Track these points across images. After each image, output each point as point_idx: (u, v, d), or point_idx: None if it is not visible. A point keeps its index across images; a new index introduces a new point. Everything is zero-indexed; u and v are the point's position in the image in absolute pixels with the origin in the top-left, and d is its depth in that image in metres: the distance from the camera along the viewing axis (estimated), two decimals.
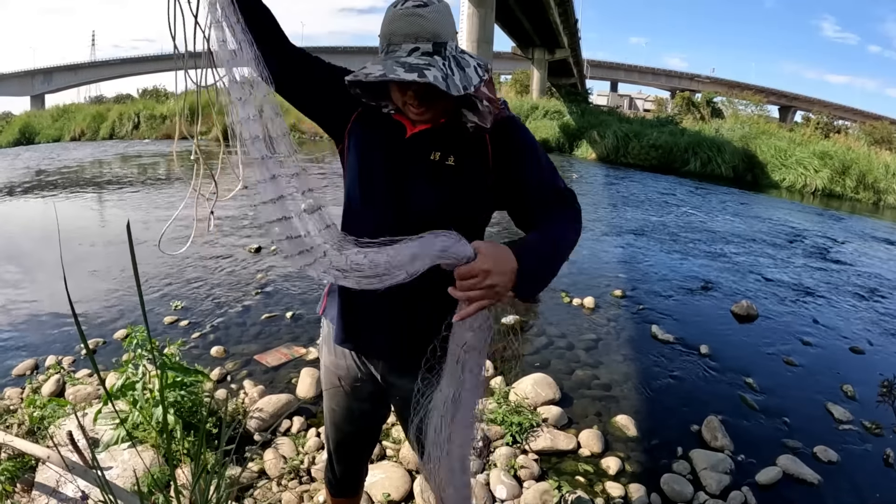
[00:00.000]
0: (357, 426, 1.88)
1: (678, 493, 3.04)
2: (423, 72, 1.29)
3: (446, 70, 1.33)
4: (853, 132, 36.14)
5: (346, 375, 1.76)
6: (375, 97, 1.54)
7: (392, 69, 1.30)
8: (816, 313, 6.06)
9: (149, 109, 27.84)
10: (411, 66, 1.31)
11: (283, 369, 4.19)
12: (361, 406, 1.81)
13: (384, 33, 1.38)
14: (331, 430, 1.91)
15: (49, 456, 2.45)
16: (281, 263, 6.62)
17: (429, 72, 1.29)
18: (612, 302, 5.81)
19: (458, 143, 1.49)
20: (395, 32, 1.35)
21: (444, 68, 1.33)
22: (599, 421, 3.67)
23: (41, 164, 16.76)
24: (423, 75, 1.28)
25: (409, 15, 1.34)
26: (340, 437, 1.90)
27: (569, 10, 33.81)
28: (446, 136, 1.50)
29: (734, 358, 4.75)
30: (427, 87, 1.37)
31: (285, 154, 1.40)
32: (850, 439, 3.70)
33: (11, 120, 34.04)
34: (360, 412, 1.83)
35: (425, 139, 1.50)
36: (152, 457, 2.77)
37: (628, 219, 10.52)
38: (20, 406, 3.54)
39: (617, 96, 63.70)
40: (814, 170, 18.76)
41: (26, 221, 9.38)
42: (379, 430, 2.00)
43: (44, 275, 6.30)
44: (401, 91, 1.42)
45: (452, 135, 1.49)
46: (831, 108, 61.33)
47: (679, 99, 43.25)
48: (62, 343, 4.62)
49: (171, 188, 12.17)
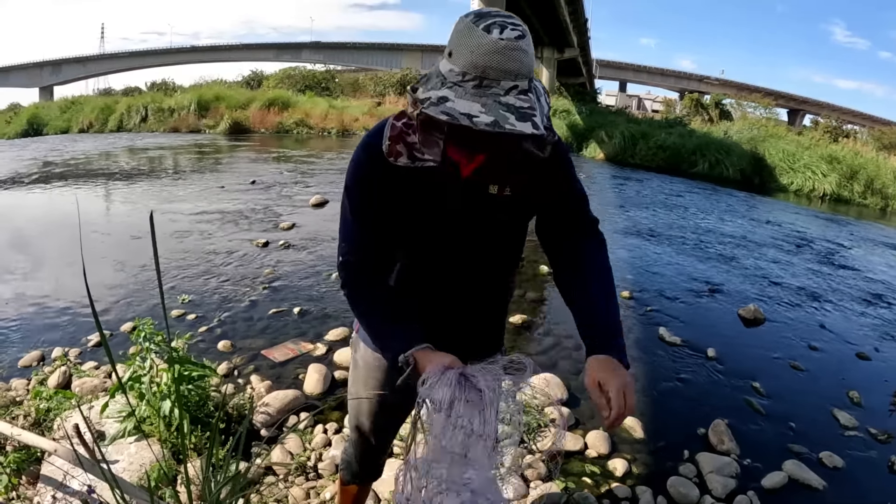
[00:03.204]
0: (390, 415, 1.92)
1: (684, 495, 3.03)
2: (533, 120, 1.24)
3: (538, 108, 1.28)
4: (862, 137, 36.02)
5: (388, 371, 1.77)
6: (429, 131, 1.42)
7: (503, 116, 1.22)
8: (823, 318, 6.03)
9: (157, 102, 27.84)
10: (519, 111, 1.23)
11: (291, 365, 4.19)
12: (396, 398, 1.81)
13: (473, 63, 1.24)
14: (365, 421, 1.92)
15: (56, 449, 2.46)
16: (289, 258, 6.62)
17: (535, 118, 1.25)
18: (619, 303, 5.78)
19: (514, 171, 1.49)
20: (493, 67, 1.22)
21: (537, 107, 1.28)
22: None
23: (49, 156, 16.79)
24: (536, 126, 1.24)
25: (512, 49, 1.22)
26: (371, 426, 1.92)
27: (578, 10, 33.73)
28: (501, 165, 1.47)
29: (741, 361, 4.73)
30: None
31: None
32: (856, 445, 3.68)
33: (20, 111, 34.10)
34: (395, 403, 1.85)
35: (483, 174, 1.48)
36: (158, 451, 2.78)
37: (636, 220, 10.49)
38: (26, 398, 3.54)
39: (626, 96, 63.62)
40: (822, 174, 18.67)
41: (34, 212, 9.40)
42: (405, 417, 2.02)
43: (51, 266, 6.31)
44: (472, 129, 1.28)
45: (502, 164, 1.47)
46: (840, 112, 61.17)
47: (688, 100, 43.17)
48: (68, 335, 4.63)
49: (178, 181, 12.18)
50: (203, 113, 26.29)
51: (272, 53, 65.95)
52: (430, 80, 1.33)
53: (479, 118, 1.22)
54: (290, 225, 8.14)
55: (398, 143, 1.43)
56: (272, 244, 7.17)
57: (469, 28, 1.25)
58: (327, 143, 21.27)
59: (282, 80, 38.99)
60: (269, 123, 25.37)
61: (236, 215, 8.78)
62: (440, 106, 1.25)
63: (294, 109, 26.80)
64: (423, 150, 1.42)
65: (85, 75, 67.52)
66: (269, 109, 26.23)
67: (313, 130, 25.28)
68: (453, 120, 1.23)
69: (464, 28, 1.26)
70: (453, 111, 1.23)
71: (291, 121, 25.63)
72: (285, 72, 41.85)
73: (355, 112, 27.44)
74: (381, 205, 1.49)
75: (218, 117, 25.48)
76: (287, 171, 13.60)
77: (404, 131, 1.44)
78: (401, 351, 1.40)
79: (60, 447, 2.44)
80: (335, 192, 10.86)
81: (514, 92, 1.25)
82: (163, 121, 26.53)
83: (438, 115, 1.25)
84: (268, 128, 25.17)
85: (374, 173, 1.47)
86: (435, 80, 1.31)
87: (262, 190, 11.00)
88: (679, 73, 70.69)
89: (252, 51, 67.53)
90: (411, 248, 1.57)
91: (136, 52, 69.77)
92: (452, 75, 1.27)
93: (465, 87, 1.25)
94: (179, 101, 27.32)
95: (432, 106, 1.26)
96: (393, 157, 1.43)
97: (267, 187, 11.27)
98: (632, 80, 72.90)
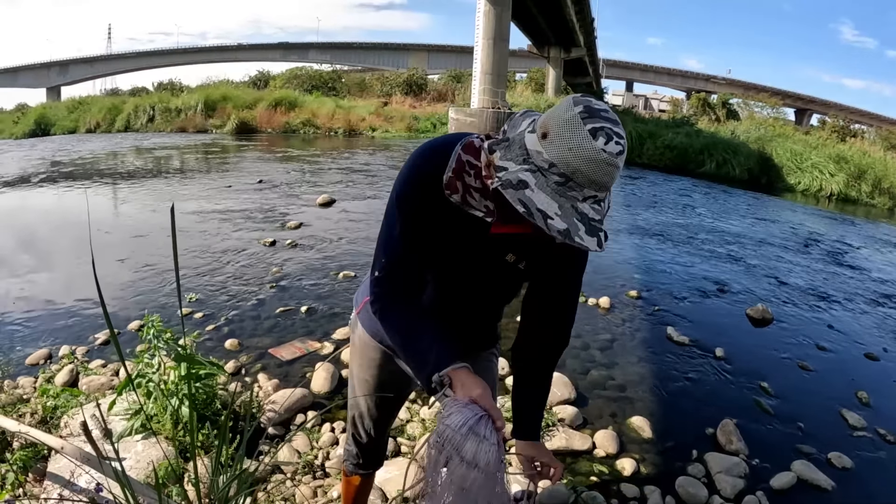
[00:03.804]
0: (385, 397, 1.94)
1: (693, 495, 3.02)
2: (599, 236, 1.24)
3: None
4: (869, 136, 35.87)
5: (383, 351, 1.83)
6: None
7: (575, 226, 1.21)
8: (831, 318, 6.01)
9: (164, 102, 27.90)
10: (590, 224, 1.23)
11: (298, 363, 4.19)
12: (393, 376, 1.86)
13: (567, 161, 1.19)
14: (361, 402, 1.95)
15: (63, 446, 2.45)
16: (296, 257, 6.63)
17: (601, 233, 1.25)
18: (627, 302, 5.78)
19: (532, 250, 1.53)
20: (586, 175, 1.19)
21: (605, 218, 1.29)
22: (614, 422, 3.66)
23: (57, 155, 16.86)
24: (600, 243, 1.24)
25: (609, 164, 1.19)
26: (369, 407, 1.96)
27: (585, 9, 33.68)
28: (526, 241, 1.50)
29: (749, 361, 4.71)
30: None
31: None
32: (865, 446, 3.67)
33: (27, 111, 34.20)
34: (392, 381, 1.88)
35: (506, 241, 1.50)
36: (166, 448, 2.78)
37: (644, 219, 10.47)
38: (33, 395, 3.55)
39: (632, 96, 63.30)
40: (829, 174, 18.64)
41: (42, 211, 9.43)
42: (402, 403, 2.09)
43: (58, 264, 6.33)
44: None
45: (530, 241, 1.50)
46: (848, 111, 60.82)
47: (695, 100, 42.97)
48: (76, 333, 4.64)
49: (185, 180, 12.20)
50: (210, 113, 26.36)
51: (279, 53, 66.01)
52: (512, 149, 1.29)
53: (554, 221, 1.20)
54: (298, 224, 8.15)
55: (458, 180, 1.40)
56: (279, 243, 7.18)
57: (576, 124, 1.19)
58: (334, 143, 21.29)
59: (288, 80, 39.00)
60: (276, 123, 25.43)
61: (243, 214, 8.80)
62: (518, 192, 1.22)
63: (301, 109, 26.85)
64: (477, 197, 1.41)
65: (92, 76, 67.63)
66: (276, 109, 26.29)
67: (320, 130, 25.31)
68: (528, 214, 1.20)
69: (571, 120, 1.20)
70: (531, 204, 1.21)
71: (298, 121, 25.68)
72: (292, 72, 41.86)
73: (362, 112, 27.49)
74: (426, 229, 1.47)
75: (225, 117, 25.54)
76: (294, 171, 13.64)
77: (467, 170, 1.40)
78: (436, 370, 1.37)
79: (67, 444, 2.44)
80: (342, 191, 10.89)
81: (591, 201, 1.24)
82: (170, 121, 26.59)
83: (515, 202, 1.22)
84: (274, 128, 25.22)
85: (430, 197, 1.44)
86: (517, 150, 1.27)
87: (269, 189, 11.02)
88: (686, 73, 70.46)
89: (259, 51, 67.56)
90: (436, 274, 1.58)
91: (144, 52, 69.86)
92: (539, 158, 1.22)
93: (548, 178, 1.22)
94: (186, 102, 27.37)
95: (511, 189, 1.23)
96: (449, 192, 1.41)
97: (274, 187, 11.29)
98: (638, 80, 72.66)
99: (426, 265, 1.54)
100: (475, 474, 1.26)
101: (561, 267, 1.59)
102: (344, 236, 7.64)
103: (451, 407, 1.30)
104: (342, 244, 7.28)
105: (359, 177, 12.93)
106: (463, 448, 1.26)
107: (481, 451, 1.26)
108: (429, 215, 1.45)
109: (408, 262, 1.49)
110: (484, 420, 1.28)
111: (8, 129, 30.39)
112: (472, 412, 1.28)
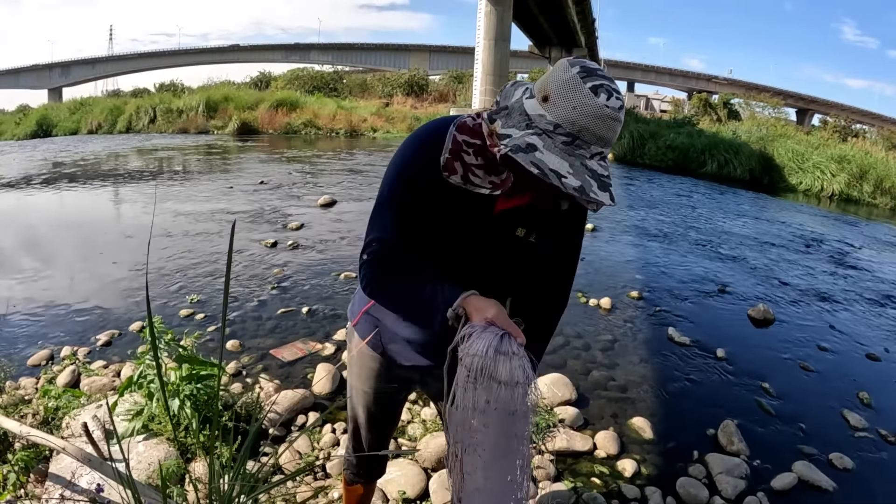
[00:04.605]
0: (386, 406, 1.93)
1: (694, 496, 3.02)
2: (610, 191, 1.27)
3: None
4: (871, 136, 35.82)
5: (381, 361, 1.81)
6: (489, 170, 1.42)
7: (588, 183, 1.24)
8: (833, 319, 6.00)
9: (165, 103, 27.92)
10: (600, 179, 1.26)
11: (299, 364, 4.19)
12: (391, 388, 1.86)
13: (572, 120, 1.23)
14: (361, 413, 1.93)
15: (64, 447, 2.46)
16: (297, 258, 6.63)
17: (611, 189, 1.28)
18: (628, 303, 5.78)
19: (542, 221, 1.53)
20: (591, 131, 1.23)
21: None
22: (615, 422, 3.66)
23: (58, 157, 16.89)
24: (612, 198, 1.27)
25: (612, 119, 1.23)
26: (370, 418, 1.93)
27: (586, 9, 33.65)
28: (532, 213, 1.50)
29: (750, 362, 4.71)
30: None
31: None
32: (866, 447, 3.67)
33: (29, 112, 34.22)
34: (390, 393, 1.88)
35: (513, 216, 1.49)
36: (167, 449, 2.78)
37: (645, 220, 10.46)
38: (35, 396, 3.55)
39: (634, 96, 63.17)
40: (831, 174, 18.59)
41: (44, 212, 9.44)
42: (402, 409, 2.07)
43: (60, 265, 6.34)
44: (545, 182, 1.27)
45: (538, 213, 1.50)
46: (849, 111, 60.74)
47: (696, 100, 42.91)
48: (77, 334, 4.65)
49: (187, 181, 12.21)
50: (211, 114, 26.39)
51: (281, 54, 66.12)
52: (512, 116, 1.31)
53: (568, 180, 1.22)
54: (299, 225, 8.15)
55: (456, 161, 1.41)
56: (281, 244, 7.18)
57: (576, 83, 1.22)
58: (335, 144, 21.31)
59: (290, 80, 39.02)
60: (278, 124, 25.45)
61: (245, 215, 8.80)
62: (529, 155, 1.24)
63: (302, 110, 26.87)
64: (480, 174, 1.42)
65: (94, 77, 67.73)
66: (278, 110, 26.31)
67: (321, 131, 25.32)
68: (542, 175, 1.22)
69: (571, 80, 1.23)
70: (543, 165, 1.22)
71: (300, 121, 25.71)
72: (293, 73, 41.88)
73: (363, 113, 27.53)
74: (419, 209, 1.46)
75: (226, 118, 25.58)
76: (295, 172, 13.64)
77: (464, 149, 1.41)
78: (447, 307, 1.35)
79: (69, 445, 2.44)
80: (343, 192, 10.89)
81: (598, 158, 1.27)
82: (171, 122, 26.62)
83: (528, 164, 1.23)
84: (276, 128, 25.24)
85: (424, 179, 1.44)
86: (518, 117, 1.30)
87: (270, 190, 11.02)
88: (687, 73, 70.53)
89: (261, 52, 67.70)
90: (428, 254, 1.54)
91: (145, 53, 70.02)
92: (543, 122, 1.25)
93: (554, 140, 1.24)
94: (188, 102, 27.40)
95: (521, 152, 1.24)
96: (447, 173, 1.42)
97: (275, 188, 11.29)
98: (640, 81, 72.70)
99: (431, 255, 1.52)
100: (518, 391, 1.27)
101: (564, 234, 1.60)
102: (345, 237, 7.64)
103: (470, 337, 1.29)
104: (343, 245, 7.28)
105: (360, 178, 12.93)
106: (497, 370, 1.25)
107: (515, 367, 1.27)
108: (424, 201, 1.46)
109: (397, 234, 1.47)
110: (506, 338, 1.28)
111: (10, 131, 30.42)
112: (493, 334, 1.27)
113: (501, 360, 1.25)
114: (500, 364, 1.25)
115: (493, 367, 1.25)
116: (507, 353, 1.26)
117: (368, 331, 1.75)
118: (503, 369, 1.25)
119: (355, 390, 1.91)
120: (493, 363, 1.25)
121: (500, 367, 1.25)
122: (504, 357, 1.25)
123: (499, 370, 1.25)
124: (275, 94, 29.30)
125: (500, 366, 1.25)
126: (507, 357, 1.25)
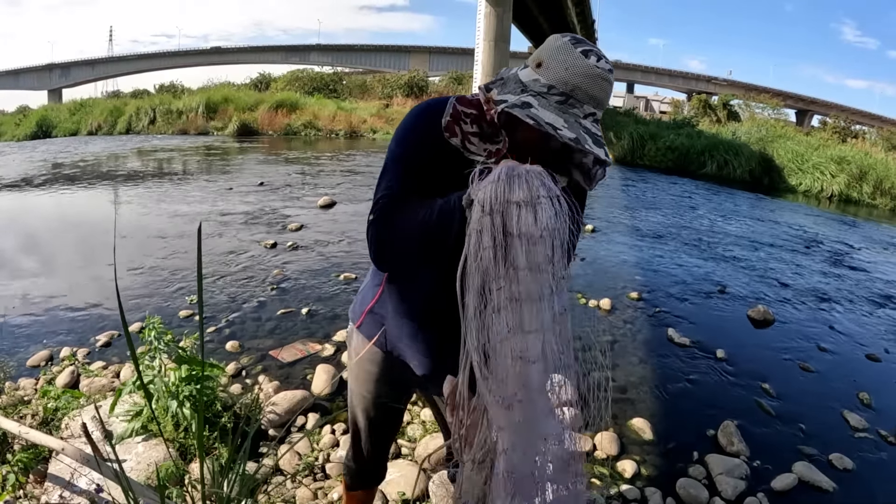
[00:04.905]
0: (386, 411, 1.91)
1: (694, 497, 3.03)
2: (604, 148, 1.31)
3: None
4: (871, 137, 35.81)
5: (381, 364, 1.80)
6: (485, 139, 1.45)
7: (583, 136, 1.28)
8: (833, 319, 6.00)
9: (165, 104, 27.88)
10: (594, 136, 1.30)
11: (299, 365, 4.19)
12: (391, 391, 1.85)
13: (565, 80, 1.30)
14: (360, 418, 1.92)
15: (63, 448, 2.46)
16: (297, 259, 6.63)
17: (605, 148, 1.32)
18: (628, 304, 5.78)
19: None
20: (583, 89, 1.30)
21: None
22: (615, 423, 3.65)
23: (58, 157, 16.88)
24: (606, 154, 1.31)
25: (603, 79, 1.31)
26: (369, 422, 1.92)
27: (586, 10, 33.64)
28: None
29: (750, 362, 4.71)
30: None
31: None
32: (866, 447, 3.67)
33: (29, 113, 34.20)
34: (389, 397, 1.87)
35: None
36: (166, 450, 2.78)
37: (645, 221, 10.46)
38: (34, 397, 3.55)
39: (633, 98, 63.25)
40: (830, 174, 18.56)
41: (44, 213, 9.45)
42: (403, 413, 2.04)
43: (60, 266, 6.34)
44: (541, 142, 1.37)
45: None
46: (849, 112, 60.69)
47: (696, 101, 42.89)
48: (77, 334, 4.65)
49: (187, 182, 12.20)
50: (211, 115, 26.33)
51: (280, 55, 66.05)
52: (508, 85, 1.38)
53: (563, 131, 1.26)
54: (299, 226, 8.15)
55: (455, 125, 1.46)
56: (280, 245, 7.18)
57: (567, 47, 1.31)
58: (335, 145, 21.29)
59: (290, 82, 38.95)
60: (278, 125, 25.41)
61: (244, 216, 8.80)
62: (525, 110, 1.28)
63: (302, 111, 26.82)
64: (476, 142, 1.45)
65: (94, 78, 67.68)
66: (278, 111, 26.26)
67: (321, 132, 25.29)
68: (538, 126, 1.27)
69: (562, 46, 1.32)
70: (538, 118, 1.27)
71: (300, 122, 25.65)
72: (293, 74, 41.81)
73: (363, 114, 27.50)
74: (423, 169, 1.48)
75: (226, 119, 25.53)
76: (295, 173, 13.64)
77: (462, 118, 1.46)
78: (459, 199, 1.31)
79: (68, 446, 2.44)
80: (343, 193, 10.88)
81: (591, 119, 1.32)
82: (171, 123, 26.56)
83: (524, 117, 1.28)
84: (276, 129, 25.20)
85: (428, 137, 1.48)
86: (513, 85, 1.36)
87: (270, 191, 11.02)
88: (687, 74, 70.49)
89: (260, 53, 67.64)
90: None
91: (145, 54, 69.95)
92: (537, 85, 1.32)
93: (548, 100, 1.30)
94: (188, 103, 27.32)
95: (517, 108, 1.29)
96: (448, 134, 1.46)
97: (275, 189, 11.29)
98: (640, 82, 72.67)
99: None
100: (543, 207, 1.18)
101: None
102: (345, 238, 7.64)
103: (482, 174, 1.24)
104: (343, 246, 7.28)
105: (360, 178, 12.92)
106: (512, 190, 1.17)
107: (534, 184, 1.18)
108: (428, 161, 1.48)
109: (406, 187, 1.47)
110: (520, 167, 1.20)
111: (10, 132, 30.36)
112: (504, 164, 1.22)
113: (516, 180, 1.18)
114: (515, 184, 1.18)
115: (508, 188, 1.17)
116: (520, 175, 1.19)
117: (373, 330, 1.75)
118: (519, 189, 1.17)
119: (355, 394, 1.91)
120: (506, 184, 1.18)
121: (514, 187, 1.17)
122: (518, 178, 1.18)
123: (514, 190, 1.17)
124: (275, 96, 29.24)
125: (515, 185, 1.17)
126: (520, 177, 1.18)
